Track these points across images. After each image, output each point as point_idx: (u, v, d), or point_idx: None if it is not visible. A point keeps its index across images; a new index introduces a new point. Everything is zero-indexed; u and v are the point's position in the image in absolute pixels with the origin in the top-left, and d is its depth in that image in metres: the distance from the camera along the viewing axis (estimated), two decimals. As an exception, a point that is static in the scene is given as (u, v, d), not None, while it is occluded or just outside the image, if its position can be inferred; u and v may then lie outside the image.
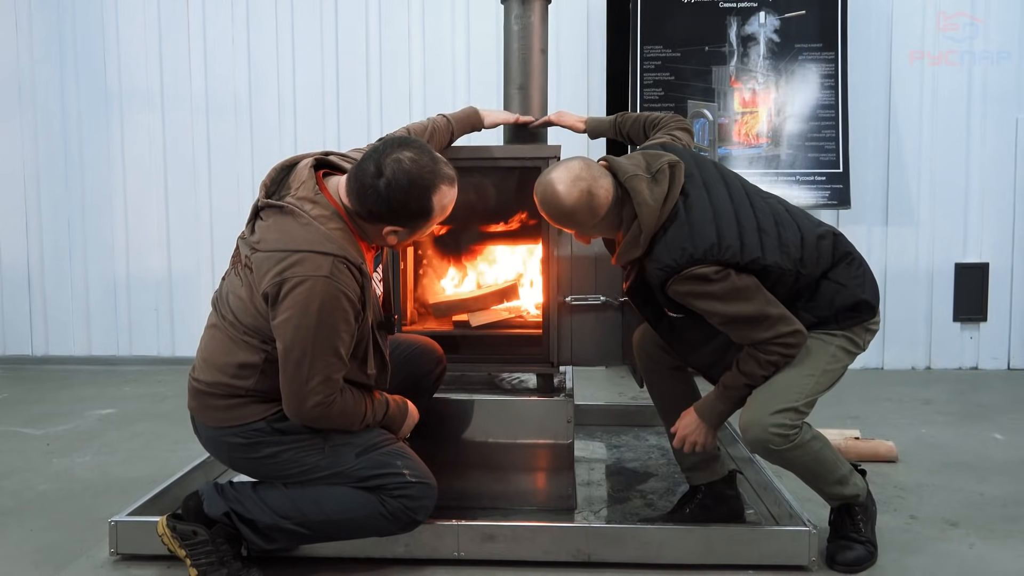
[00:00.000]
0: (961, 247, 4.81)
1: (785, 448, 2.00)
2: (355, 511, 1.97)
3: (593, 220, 2.06)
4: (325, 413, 1.90)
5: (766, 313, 1.98)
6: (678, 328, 2.16)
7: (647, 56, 4.57)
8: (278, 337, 1.85)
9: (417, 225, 1.96)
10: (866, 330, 2.12)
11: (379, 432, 2.05)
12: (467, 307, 2.75)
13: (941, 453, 3.16)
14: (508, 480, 2.56)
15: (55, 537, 2.40)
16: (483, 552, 2.17)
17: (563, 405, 2.51)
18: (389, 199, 1.86)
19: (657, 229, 2.00)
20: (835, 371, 2.08)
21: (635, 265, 2.08)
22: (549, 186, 2.04)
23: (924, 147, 4.78)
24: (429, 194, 1.90)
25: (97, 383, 4.62)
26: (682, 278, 1.97)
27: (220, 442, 2.00)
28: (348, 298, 1.84)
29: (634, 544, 2.16)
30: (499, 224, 2.73)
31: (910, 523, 2.46)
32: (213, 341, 1.99)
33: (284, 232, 1.87)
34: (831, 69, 4.51)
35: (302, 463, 1.97)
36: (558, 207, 2.04)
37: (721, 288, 1.96)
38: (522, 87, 2.73)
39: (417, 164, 1.88)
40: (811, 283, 2.07)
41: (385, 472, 1.97)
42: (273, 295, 1.83)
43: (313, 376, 1.85)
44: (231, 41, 5.00)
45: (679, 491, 2.66)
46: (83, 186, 5.14)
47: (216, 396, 1.95)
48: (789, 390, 2.02)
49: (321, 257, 1.82)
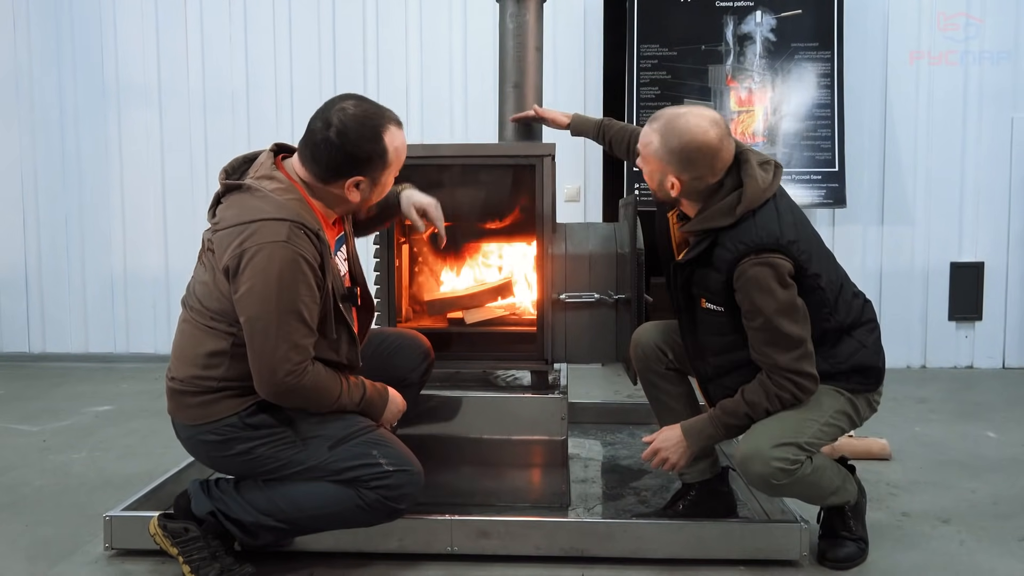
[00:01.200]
0: (957, 246, 4.82)
1: (785, 483, 1.98)
2: (333, 506, 1.95)
3: (705, 170, 2.01)
4: (298, 384, 1.85)
5: (802, 340, 1.97)
6: (702, 325, 2.13)
7: (643, 55, 4.59)
8: (242, 311, 1.83)
9: (376, 171, 1.94)
10: (868, 403, 2.13)
11: (353, 421, 1.99)
12: (462, 304, 2.76)
13: (934, 451, 3.17)
14: (502, 477, 2.57)
15: (50, 532, 2.41)
16: (477, 547, 2.18)
17: (557, 402, 2.52)
18: (343, 146, 1.88)
19: (754, 207, 2.00)
20: (833, 429, 2.06)
21: (707, 237, 2.03)
22: (683, 117, 2.00)
23: (920, 146, 4.80)
24: (380, 133, 1.91)
25: (94, 380, 4.63)
26: (759, 261, 1.95)
27: (197, 441, 1.98)
28: (307, 262, 1.83)
29: (626, 539, 2.17)
30: (494, 221, 2.74)
31: (902, 520, 2.47)
32: (183, 336, 1.99)
33: (241, 207, 1.88)
34: (827, 68, 4.53)
35: (276, 458, 1.94)
36: (688, 139, 1.98)
37: (784, 294, 1.95)
38: (517, 85, 2.74)
39: (362, 108, 1.91)
40: (836, 332, 2.07)
41: (360, 463, 1.93)
42: (233, 268, 1.82)
43: (280, 343, 1.81)
44: (228, 38, 5.01)
45: (673, 488, 2.66)
46: (80, 183, 5.15)
47: (190, 394, 1.94)
48: (793, 427, 2.00)
49: (277, 223, 1.82)
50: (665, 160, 2.03)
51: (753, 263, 1.95)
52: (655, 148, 2.04)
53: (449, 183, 2.72)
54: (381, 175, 1.97)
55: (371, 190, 1.98)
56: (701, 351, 2.17)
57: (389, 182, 2.03)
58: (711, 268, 2.04)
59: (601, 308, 2.60)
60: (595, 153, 4.90)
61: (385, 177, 1.99)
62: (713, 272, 2.03)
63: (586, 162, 4.89)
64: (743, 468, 2.01)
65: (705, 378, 2.19)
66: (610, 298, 2.57)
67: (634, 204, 2.54)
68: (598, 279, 2.60)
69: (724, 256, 2.00)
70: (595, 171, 4.93)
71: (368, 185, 1.96)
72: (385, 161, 1.95)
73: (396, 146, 1.96)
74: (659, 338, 2.37)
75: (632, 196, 2.59)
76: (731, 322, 2.05)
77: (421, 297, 2.83)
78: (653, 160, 2.06)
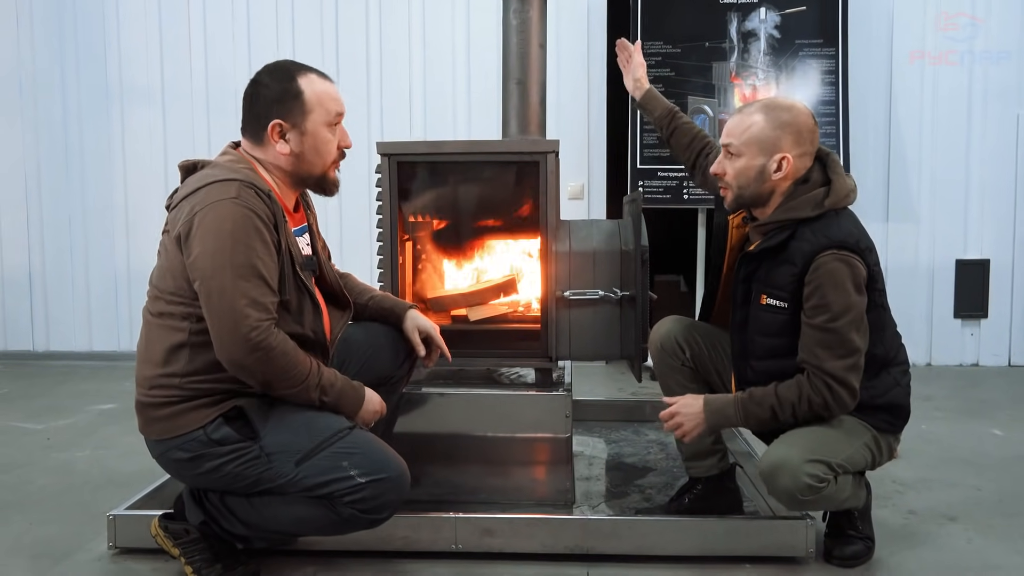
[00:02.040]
0: (962, 244, 4.80)
1: (810, 499, 1.95)
2: (312, 522, 1.87)
3: (809, 147, 2.04)
4: (265, 343, 1.73)
5: (857, 350, 1.94)
6: (754, 323, 2.08)
7: (647, 52, 4.56)
8: (196, 274, 1.76)
9: (295, 114, 1.89)
10: (889, 447, 2.09)
11: (323, 428, 1.85)
12: (465, 302, 2.74)
13: (940, 449, 3.16)
14: (506, 474, 2.56)
15: (54, 530, 2.41)
16: (481, 545, 2.17)
17: (562, 400, 2.51)
18: (256, 91, 1.90)
19: (838, 205, 2.01)
20: (864, 456, 2.03)
21: (786, 228, 2.01)
22: (779, 97, 2.06)
23: (925, 143, 4.78)
24: (293, 74, 1.91)
25: (98, 378, 4.63)
26: (839, 257, 1.92)
27: (168, 460, 1.90)
28: (260, 219, 1.78)
29: (631, 536, 2.16)
30: (497, 218, 2.73)
31: (908, 518, 2.46)
32: (143, 342, 1.95)
33: (194, 179, 1.87)
34: (831, 65, 4.51)
35: (246, 476, 1.84)
36: (796, 111, 2.03)
37: (856, 298, 1.93)
38: (520, 82, 2.73)
39: (282, 61, 1.97)
40: (878, 363, 2.04)
41: (330, 479, 1.80)
42: (184, 233, 1.78)
43: (238, 299, 1.72)
44: (232, 37, 5.00)
45: (678, 486, 2.64)
46: (84, 181, 5.14)
47: (155, 405, 1.88)
48: (827, 444, 1.96)
49: (226, 183, 1.79)
50: (773, 138, 2.02)
51: (834, 257, 1.93)
52: (759, 128, 2.03)
53: (453, 180, 2.72)
54: (304, 120, 1.90)
55: (299, 140, 1.91)
56: (746, 352, 2.12)
57: (323, 137, 1.94)
58: (783, 261, 2.00)
59: (605, 305, 2.59)
60: (599, 151, 4.89)
61: (310, 124, 1.91)
62: (785, 265, 2.00)
63: (590, 160, 4.87)
64: (769, 478, 1.96)
65: (743, 380, 2.13)
66: (615, 295, 2.56)
67: (639, 200, 2.53)
68: (602, 276, 2.59)
69: (802, 248, 1.97)
70: (599, 169, 4.91)
71: (295, 134, 1.90)
72: (302, 102, 1.89)
73: (315, 89, 1.92)
74: (680, 333, 2.36)
75: (637, 192, 2.57)
76: (788, 322, 2.00)
77: (424, 295, 2.82)
78: (754, 143, 2.04)
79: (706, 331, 2.38)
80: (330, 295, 2.13)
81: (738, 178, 2.08)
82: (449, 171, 2.69)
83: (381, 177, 2.57)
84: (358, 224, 4.86)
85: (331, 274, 2.14)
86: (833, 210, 2.01)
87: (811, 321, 1.95)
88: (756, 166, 2.05)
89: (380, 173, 2.56)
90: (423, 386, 2.57)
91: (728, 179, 2.10)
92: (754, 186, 2.06)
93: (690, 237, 4.76)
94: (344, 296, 2.17)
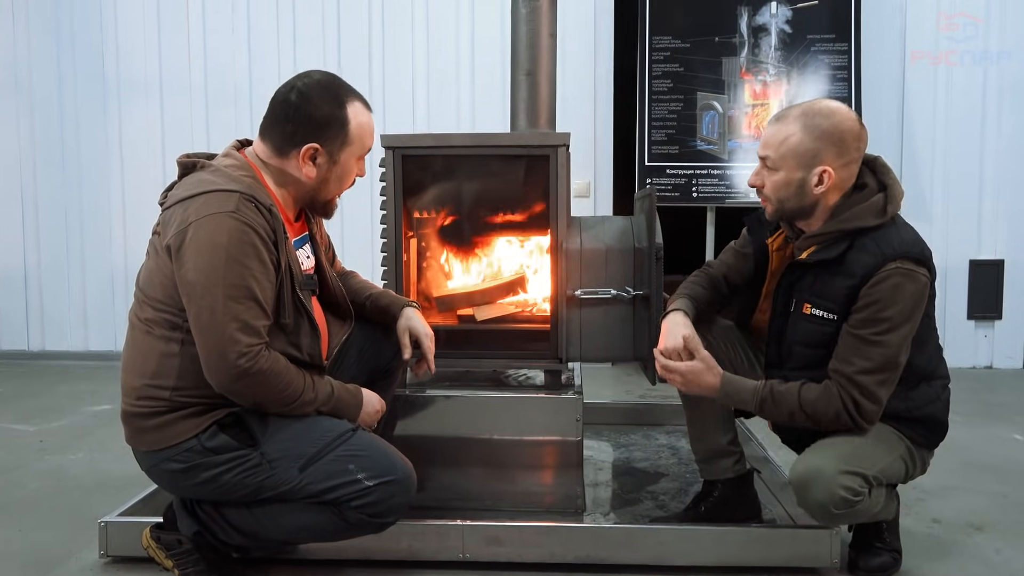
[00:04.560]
0: (976, 244, 4.72)
1: (843, 513, 1.85)
2: (317, 528, 1.79)
3: (855, 156, 1.90)
4: (253, 367, 1.65)
5: (896, 366, 1.84)
6: (795, 332, 1.97)
7: (655, 47, 4.48)
8: (186, 289, 1.66)
9: (334, 143, 1.81)
10: (923, 462, 2.00)
11: (325, 431, 1.78)
12: (472, 301, 2.65)
13: (960, 454, 3.06)
14: (513, 480, 2.47)
15: (44, 537, 2.32)
16: (489, 554, 2.08)
17: (573, 403, 2.42)
18: (301, 106, 1.78)
19: (896, 212, 1.90)
20: (899, 468, 1.94)
21: (844, 239, 1.89)
22: (819, 103, 1.92)
23: (938, 141, 4.69)
24: (344, 101, 1.82)
25: (94, 379, 4.54)
26: (905, 272, 1.81)
27: (160, 471, 1.80)
28: (259, 235, 1.68)
29: (646, 545, 2.07)
30: (505, 214, 2.63)
31: (933, 527, 2.37)
32: (129, 349, 1.83)
33: (191, 182, 1.76)
34: (843, 61, 4.42)
35: (246, 485, 1.74)
36: (838, 118, 1.88)
37: (917, 315, 1.83)
38: (530, 73, 2.64)
39: (329, 79, 1.85)
40: (918, 374, 1.94)
41: (337, 483, 1.73)
42: (176, 244, 1.67)
43: (228, 322, 1.63)
44: (231, 30, 4.91)
45: (691, 491, 2.57)
46: (80, 177, 5.06)
47: (143, 415, 1.77)
48: (862, 454, 1.86)
49: (226, 194, 1.68)
50: (813, 149, 1.89)
51: (902, 272, 1.81)
52: (797, 140, 1.89)
53: (459, 174, 2.62)
54: (340, 150, 1.83)
55: (328, 168, 1.83)
56: (781, 360, 2.02)
57: (349, 169, 1.88)
58: (839, 273, 1.88)
59: (618, 305, 2.49)
60: (605, 148, 4.80)
61: (344, 156, 1.85)
62: (840, 277, 1.88)
63: (595, 157, 4.78)
64: (801, 489, 1.86)
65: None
66: (627, 294, 2.46)
67: (651, 197, 2.44)
68: (615, 274, 2.49)
69: (863, 260, 1.85)
70: (605, 166, 4.82)
71: (325, 160, 1.82)
72: (345, 133, 1.82)
73: (360, 122, 1.84)
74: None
75: (650, 188, 2.48)
76: (834, 335, 1.89)
77: (430, 293, 2.73)
78: (792, 157, 1.91)
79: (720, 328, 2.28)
80: (331, 304, 2.05)
81: (777, 192, 1.96)
82: (456, 165, 2.59)
83: (385, 171, 2.48)
84: (359, 220, 4.76)
85: (333, 283, 2.05)
86: (890, 217, 1.90)
87: (856, 331, 1.84)
88: (795, 180, 1.92)
89: (384, 167, 2.47)
90: (428, 388, 2.48)
91: (767, 192, 1.99)
92: (795, 200, 1.94)
93: (699, 236, 4.67)
94: (346, 306, 2.08)
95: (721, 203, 4.43)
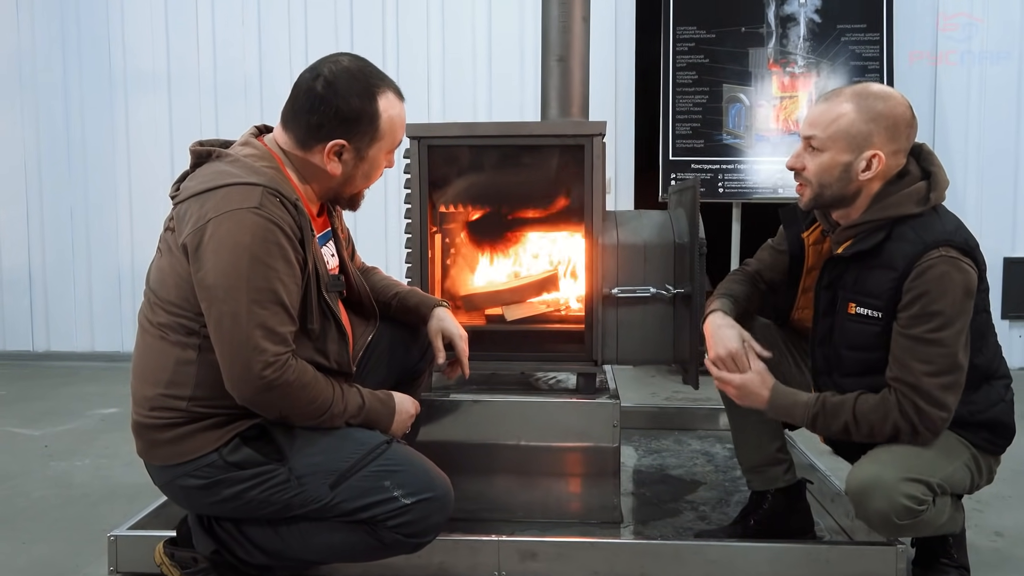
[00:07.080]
0: (1010, 241, 4.58)
1: (907, 524, 1.71)
2: (349, 548, 1.66)
3: (905, 144, 1.78)
4: (280, 379, 1.52)
5: (959, 367, 1.70)
6: (842, 334, 1.84)
7: (680, 38, 4.33)
8: (205, 294, 1.52)
9: (363, 138, 1.66)
10: (989, 469, 1.87)
11: (357, 444, 1.64)
12: (501, 300, 2.52)
13: (1011, 461, 2.88)
14: (546, 489, 2.34)
15: (49, 550, 2.19)
16: (524, 570, 1.96)
17: (610, 408, 2.28)
18: (328, 98, 1.62)
19: (940, 201, 1.78)
20: (965, 476, 1.80)
21: (879, 230, 1.77)
22: (872, 85, 1.80)
23: (972, 135, 4.55)
24: (375, 92, 1.65)
25: (101, 380, 4.42)
26: (949, 261, 1.67)
27: (177, 487, 1.65)
28: (285, 233, 1.53)
29: (696, 562, 1.93)
30: (537, 208, 2.49)
31: (996, 540, 2.23)
32: (141, 355, 1.67)
33: (208, 174, 1.60)
34: (875, 52, 4.27)
35: (272, 502, 1.61)
36: (893, 103, 1.76)
37: (967, 307, 1.69)
38: (562, 59, 2.50)
39: (359, 64, 1.68)
40: (980, 375, 1.79)
41: (372, 501, 1.60)
42: (194, 243, 1.52)
43: (253, 330, 1.49)
44: (241, 21, 4.79)
45: (732, 502, 2.43)
46: (86, 174, 4.95)
47: (158, 427, 1.62)
48: (925, 461, 1.73)
49: (248, 187, 1.53)
50: (864, 132, 1.75)
51: (945, 260, 1.67)
52: (849, 120, 1.76)
53: (487, 166, 2.48)
54: (368, 146, 1.68)
55: (354, 164, 1.69)
56: (830, 366, 1.88)
57: (378, 163, 1.74)
58: (878, 265, 1.76)
59: (657, 304, 2.35)
60: (626, 142, 4.66)
61: (373, 151, 1.70)
62: (880, 270, 1.75)
63: (616, 152, 4.63)
64: (860, 499, 1.72)
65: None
66: (668, 293, 2.32)
67: (695, 189, 2.29)
68: (654, 272, 2.35)
69: (903, 250, 1.72)
70: (626, 161, 4.68)
71: (352, 156, 1.67)
72: (375, 128, 1.66)
73: (391, 115, 1.68)
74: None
75: (693, 180, 2.33)
76: (882, 335, 1.76)
77: (456, 292, 2.59)
78: (842, 138, 1.77)
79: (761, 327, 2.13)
80: (354, 304, 1.91)
81: (820, 176, 1.82)
82: (483, 156, 2.45)
83: (410, 163, 2.34)
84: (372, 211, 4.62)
85: (357, 281, 1.91)
86: (932, 206, 1.77)
87: (909, 331, 1.70)
88: (842, 163, 1.78)
89: (409, 159, 2.33)
90: (454, 392, 2.35)
91: (808, 175, 1.84)
92: (837, 186, 1.80)
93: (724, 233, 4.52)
94: (370, 304, 1.94)
95: (748, 199, 4.28)
